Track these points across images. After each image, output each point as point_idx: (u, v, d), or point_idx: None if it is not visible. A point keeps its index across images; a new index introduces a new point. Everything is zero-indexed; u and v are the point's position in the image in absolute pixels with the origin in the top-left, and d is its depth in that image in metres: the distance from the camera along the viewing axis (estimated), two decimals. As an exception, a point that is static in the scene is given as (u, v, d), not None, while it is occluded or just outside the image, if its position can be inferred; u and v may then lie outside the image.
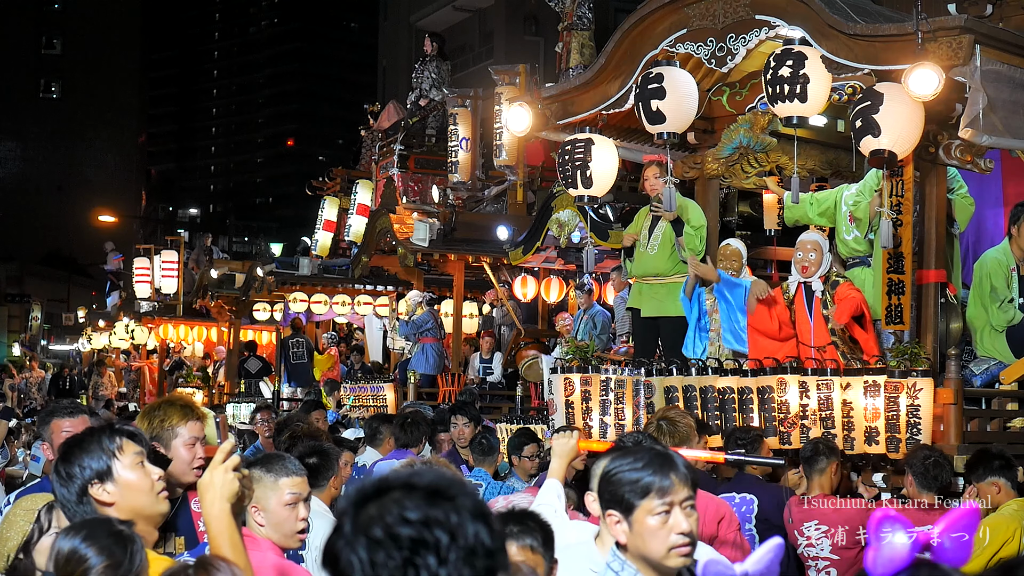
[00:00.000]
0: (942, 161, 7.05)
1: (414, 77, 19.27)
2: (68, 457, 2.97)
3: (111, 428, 3.06)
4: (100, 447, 2.96)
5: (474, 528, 1.61)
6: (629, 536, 2.82)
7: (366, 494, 1.65)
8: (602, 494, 2.89)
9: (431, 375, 14.57)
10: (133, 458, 2.98)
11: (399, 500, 1.62)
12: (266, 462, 3.53)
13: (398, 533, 1.60)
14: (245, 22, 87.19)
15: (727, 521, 4.87)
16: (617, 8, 27.40)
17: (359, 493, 1.67)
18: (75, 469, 2.94)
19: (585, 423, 7.95)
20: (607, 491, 2.86)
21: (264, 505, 3.43)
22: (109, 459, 2.95)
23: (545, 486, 4.33)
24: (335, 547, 1.64)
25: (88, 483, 2.93)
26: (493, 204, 16.71)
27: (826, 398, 6.70)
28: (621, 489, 2.81)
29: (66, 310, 51.03)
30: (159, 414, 3.75)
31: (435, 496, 1.62)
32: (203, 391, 20.91)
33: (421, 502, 1.62)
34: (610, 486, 2.85)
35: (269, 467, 3.48)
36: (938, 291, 7.12)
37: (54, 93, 74.47)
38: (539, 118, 8.39)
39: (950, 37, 6.37)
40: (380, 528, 1.60)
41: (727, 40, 7.42)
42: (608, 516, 2.87)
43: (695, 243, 8.36)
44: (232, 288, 21.72)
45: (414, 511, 1.61)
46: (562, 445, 4.38)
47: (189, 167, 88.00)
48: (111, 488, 2.93)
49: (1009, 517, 5.28)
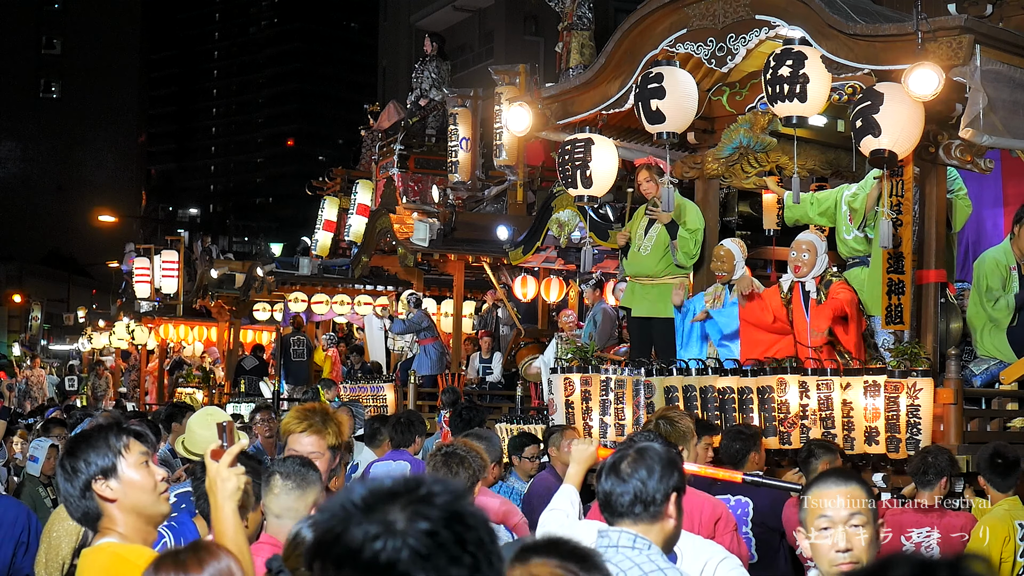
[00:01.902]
0: (942, 161, 7.05)
1: (414, 77, 19.28)
2: (74, 452, 3.00)
3: (118, 426, 3.09)
4: (107, 444, 2.99)
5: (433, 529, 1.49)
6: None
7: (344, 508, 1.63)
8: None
9: (432, 375, 14.59)
10: (138, 457, 3.01)
11: (376, 515, 1.52)
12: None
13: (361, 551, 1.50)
14: (245, 22, 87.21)
15: (723, 522, 4.86)
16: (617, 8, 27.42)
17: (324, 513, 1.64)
18: (80, 464, 2.97)
19: (585, 423, 7.95)
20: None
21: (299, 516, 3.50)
22: (115, 457, 2.98)
23: (560, 491, 4.33)
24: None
25: (92, 479, 2.96)
26: (493, 204, 16.71)
27: (826, 398, 6.70)
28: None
29: (66, 310, 51.06)
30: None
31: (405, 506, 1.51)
32: (203, 391, 20.93)
33: (389, 515, 1.50)
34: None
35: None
36: (938, 291, 7.12)
37: (54, 93, 74.52)
38: (539, 118, 8.38)
39: (950, 37, 6.37)
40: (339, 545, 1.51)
41: (727, 40, 7.42)
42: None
43: (689, 246, 8.36)
44: (232, 288, 21.74)
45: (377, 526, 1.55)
46: (581, 452, 4.37)
47: (189, 167, 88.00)
48: (115, 485, 2.96)
49: (1003, 516, 5.31)
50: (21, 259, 59.35)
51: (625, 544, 3.06)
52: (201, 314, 24.40)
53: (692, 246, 8.36)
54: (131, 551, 2.90)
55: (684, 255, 8.39)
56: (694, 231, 8.36)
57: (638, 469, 3.15)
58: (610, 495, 3.16)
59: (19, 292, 53.11)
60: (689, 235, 8.35)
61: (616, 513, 3.16)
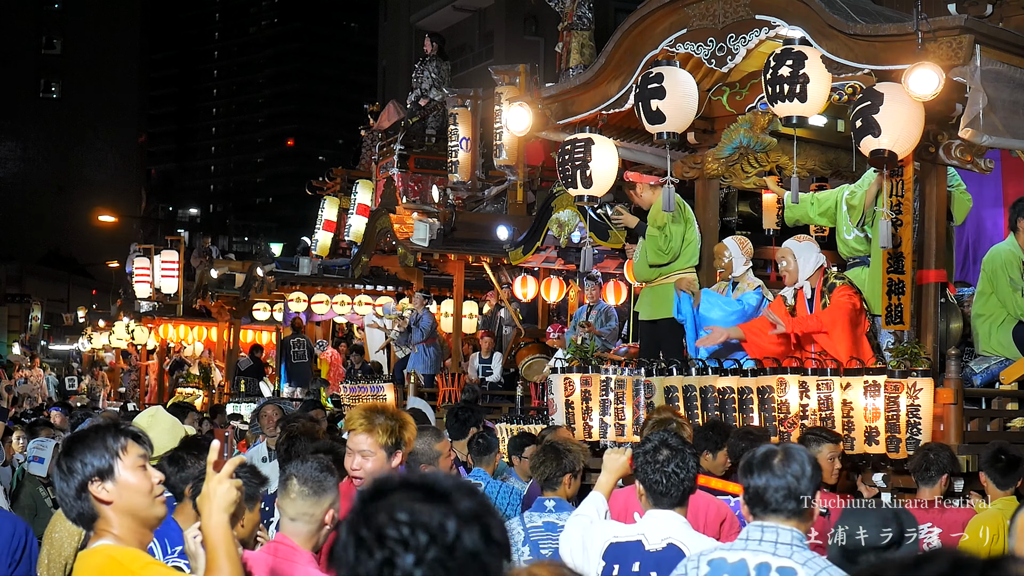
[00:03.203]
0: (942, 161, 7.05)
1: (414, 77, 19.27)
2: (71, 452, 2.98)
3: (116, 428, 3.05)
4: (104, 445, 2.96)
5: (458, 530, 1.63)
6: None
7: (367, 495, 1.70)
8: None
9: (430, 375, 14.59)
10: (135, 460, 2.98)
11: (395, 501, 1.66)
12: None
13: (384, 533, 1.64)
14: (245, 22, 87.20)
15: (728, 523, 4.87)
16: (617, 8, 27.43)
17: (362, 494, 1.71)
18: (77, 464, 2.94)
19: (585, 423, 7.95)
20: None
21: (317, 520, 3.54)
22: (112, 458, 2.95)
23: (590, 498, 4.39)
24: (334, 547, 1.69)
25: (88, 480, 2.93)
26: (493, 204, 16.71)
27: (826, 398, 6.69)
28: None
29: (66, 310, 51.06)
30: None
31: (427, 498, 1.65)
32: (203, 391, 20.93)
33: (412, 503, 1.65)
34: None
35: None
36: (938, 291, 7.12)
37: (54, 93, 74.54)
38: (539, 118, 8.38)
39: (950, 37, 6.37)
40: (369, 528, 1.65)
41: (727, 40, 7.42)
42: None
43: (658, 243, 8.36)
44: (232, 288, 21.74)
45: (404, 512, 1.64)
46: (613, 461, 4.46)
47: (189, 167, 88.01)
48: (110, 487, 2.93)
49: (995, 515, 5.33)
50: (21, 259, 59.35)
51: (787, 541, 3.24)
52: (201, 314, 24.40)
53: (662, 242, 8.36)
54: (126, 554, 2.88)
55: (655, 252, 8.40)
56: (662, 226, 8.35)
57: (791, 465, 3.27)
58: (764, 491, 3.28)
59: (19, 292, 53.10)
60: (658, 232, 8.36)
61: (769, 509, 3.27)
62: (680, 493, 3.96)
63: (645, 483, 3.98)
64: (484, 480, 6.94)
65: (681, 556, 3.79)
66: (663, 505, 3.96)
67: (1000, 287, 7.53)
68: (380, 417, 4.21)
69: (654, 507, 3.98)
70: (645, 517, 4.02)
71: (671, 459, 3.95)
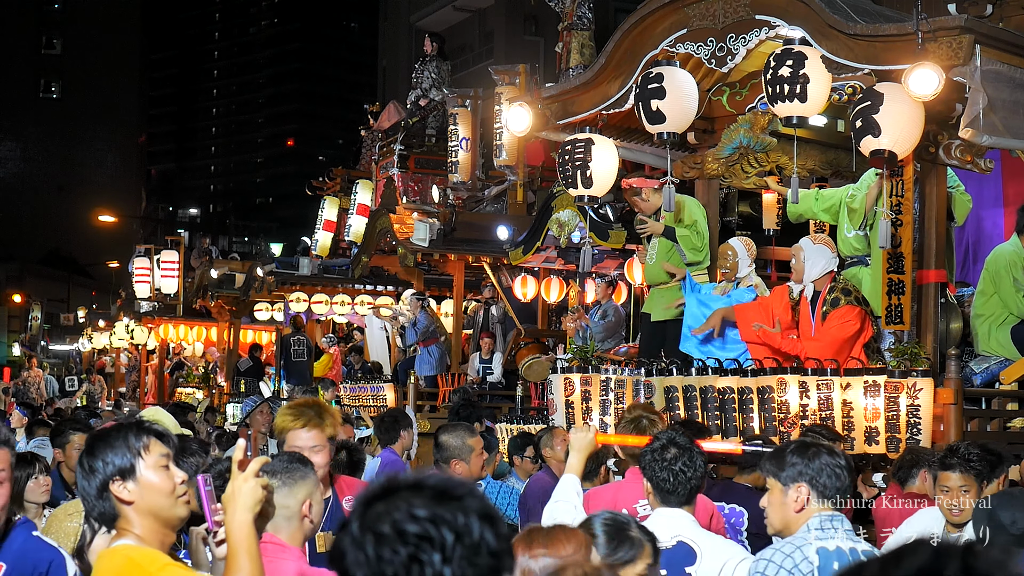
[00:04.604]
0: (942, 161, 7.05)
1: (414, 77, 19.28)
2: (92, 451, 2.92)
3: (139, 426, 2.98)
4: (126, 444, 2.90)
5: (480, 529, 1.65)
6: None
7: (374, 494, 1.69)
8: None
9: (433, 375, 14.59)
10: (158, 459, 2.92)
11: (407, 499, 1.66)
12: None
13: (405, 529, 1.64)
14: (245, 22, 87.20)
15: (716, 519, 4.87)
16: (617, 8, 27.45)
17: (367, 493, 1.71)
18: (98, 463, 2.88)
19: (585, 423, 7.94)
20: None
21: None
22: (133, 457, 2.89)
23: (563, 482, 4.37)
24: (342, 545, 1.68)
25: (110, 479, 2.87)
26: (493, 204, 16.71)
27: (826, 398, 6.69)
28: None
29: (66, 310, 51.05)
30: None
31: (442, 496, 1.66)
32: (203, 391, 20.93)
33: (428, 501, 1.65)
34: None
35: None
36: (938, 291, 7.12)
37: (54, 93, 74.50)
38: (539, 118, 8.38)
39: (950, 37, 6.37)
40: (387, 524, 1.64)
41: (727, 40, 7.41)
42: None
43: (692, 241, 8.35)
44: (232, 288, 21.73)
45: (422, 509, 1.65)
46: (580, 439, 4.43)
47: (189, 167, 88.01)
48: (132, 487, 2.87)
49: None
50: (21, 259, 59.35)
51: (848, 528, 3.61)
52: (201, 314, 24.40)
53: (696, 239, 8.36)
54: (145, 556, 2.83)
55: (691, 251, 8.38)
56: (692, 224, 8.36)
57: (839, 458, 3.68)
58: (825, 487, 3.64)
59: (19, 292, 53.12)
60: (689, 230, 8.35)
61: (824, 496, 3.62)
62: (688, 491, 3.97)
63: (653, 481, 3.99)
64: (484, 480, 6.95)
65: (691, 553, 3.80)
66: (671, 503, 3.97)
67: (1004, 288, 7.53)
68: (319, 410, 4.28)
69: (662, 505, 3.99)
70: (653, 515, 4.02)
71: (679, 457, 3.96)
